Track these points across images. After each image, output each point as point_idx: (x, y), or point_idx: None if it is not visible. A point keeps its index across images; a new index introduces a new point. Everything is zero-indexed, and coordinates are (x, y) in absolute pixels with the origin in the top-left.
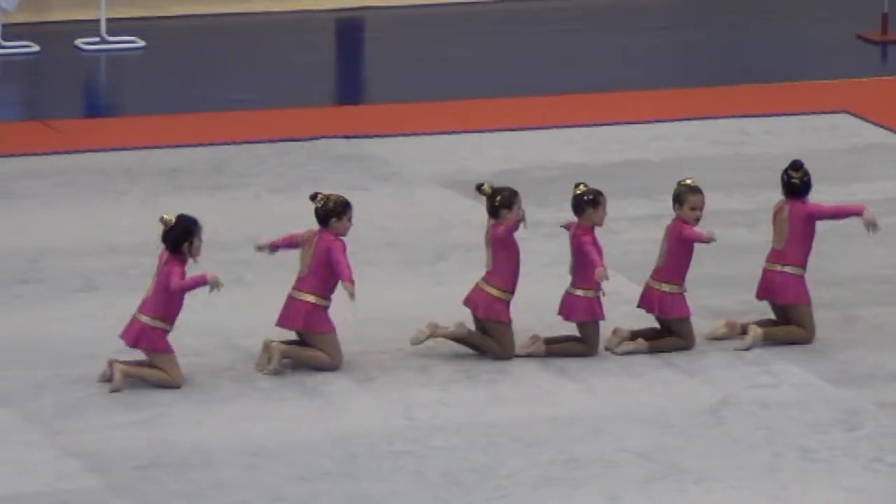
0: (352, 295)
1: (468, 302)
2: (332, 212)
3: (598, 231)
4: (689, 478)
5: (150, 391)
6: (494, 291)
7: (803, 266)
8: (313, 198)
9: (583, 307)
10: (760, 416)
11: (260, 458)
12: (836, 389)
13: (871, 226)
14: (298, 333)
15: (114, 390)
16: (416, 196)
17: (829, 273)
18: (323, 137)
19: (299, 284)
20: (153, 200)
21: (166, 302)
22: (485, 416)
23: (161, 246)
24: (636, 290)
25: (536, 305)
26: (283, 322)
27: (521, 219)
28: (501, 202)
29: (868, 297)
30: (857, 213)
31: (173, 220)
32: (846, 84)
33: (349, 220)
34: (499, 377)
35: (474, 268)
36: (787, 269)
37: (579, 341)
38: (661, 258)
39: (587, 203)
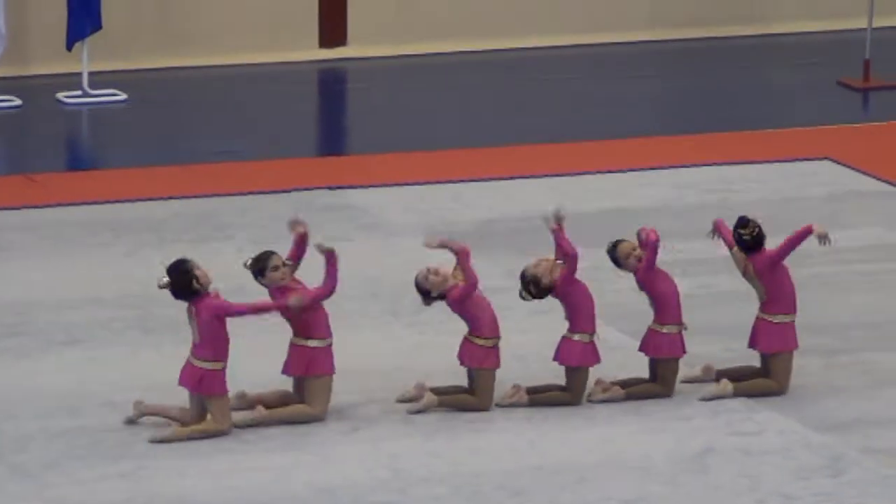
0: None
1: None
2: (255, 272)
3: (586, 282)
4: None
5: (133, 442)
6: (479, 341)
7: (791, 312)
8: (245, 265)
9: (577, 352)
10: (744, 464)
11: None
12: (819, 436)
13: (823, 238)
14: (296, 379)
15: (158, 441)
16: (399, 246)
17: (813, 320)
18: (306, 188)
19: (296, 332)
20: (137, 253)
21: (215, 342)
22: (469, 465)
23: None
24: (625, 340)
25: (520, 356)
26: (292, 371)
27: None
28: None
29: (851, 344)
30: (808, 232)
31: (166, 277)
32: (828, 131)
33: (274, 269)
34: (483, 427)
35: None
36: (777, 318)
37: (562, 390)
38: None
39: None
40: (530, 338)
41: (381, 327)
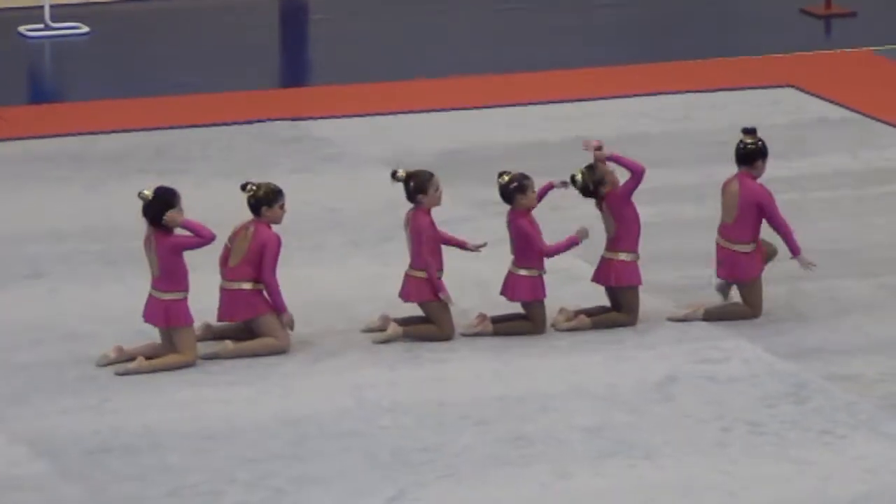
0: (290, 325)
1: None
2: (263, 200)
3: (547, 210)
4: (638, 453)
5: (97, 375)
6: (422, 275)
7: (753, 242)
8: (244, 188)
9: (526, 287)
10: (709, 391)
11: (209, 440)
12: (785, 363)
13: (806, 266)
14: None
15: (121, 373)
16: (361, 177)
17: (778, 247)
18: (268, 120)
19: (229, 274)
20: (99, 186)
21: (175, 273)
22: (433, 395)
23: (145, 226)
24: (585, 268)
25: (482, 283)
26: (223, 316)
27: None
28: (416, 187)
29: (816, 271)
30: (794, 252)
31: (151, 195)
32: (790, 58)
33: (281, 207)
34: (447, 356)
35: None
36: (737, 247)
37: (526, 319)
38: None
39: (515, 191)
40: (491, 265)
41: (343, 258)
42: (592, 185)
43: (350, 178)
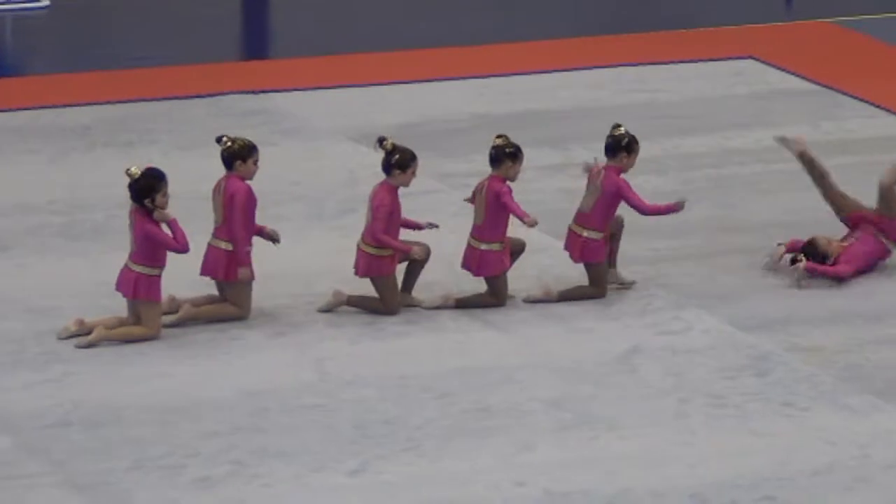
0: (245, 279)
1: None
2: (238, 154)
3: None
4: (601, 425)
5: (59, 348)
6: (372, 250)
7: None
8: (219, 140)
9: (493, 262)
10: (671, 363)
11: (171, 413)
12: (745, 335)
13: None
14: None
15: (83, 346)
16: (323, 150)
17: (736, 220)
18: (229, 93)
19: (217, 233)
20: (63, 159)
21: (151, 250)
22: (395, 368)
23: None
24: (547, 240)
25: (445, 255)
26: (205, 271)
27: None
28: (398, 162)
29: (776, 242)
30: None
31: (139, 173)
32: (751, 29)
33: (255, 162)
34: (409, 329)
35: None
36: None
37: (488, 295)
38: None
39: (507, 155)
40: (456, 238)
41: (304, 231)
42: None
43: (310, 151)
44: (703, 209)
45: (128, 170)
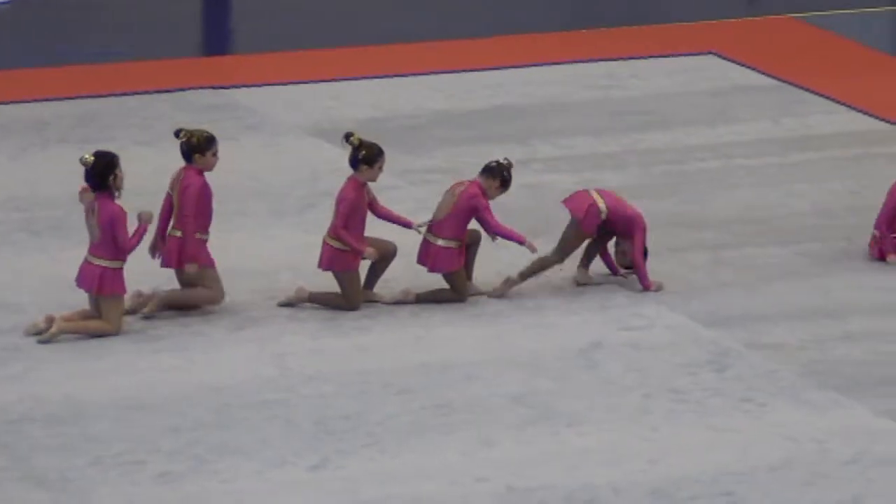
0: (193, 270)
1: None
2: (196, 147)
3: (461, 178)
4: (562, 421)
5: (22, 344)
6: (337, 244)
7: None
8: (177, 133)
9: (447, 258)
10: (632, 358)
11: (132, 410)
12: (706, 331)
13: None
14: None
15: (44, 341)
16: (284, 145)
17: (698, 216)
18: (190, 88)
19: (175, 223)
20: (22, 155)
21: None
22: (355, 364)
23: (84, 193)
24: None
25: (404, 252)
26: (166, 262)
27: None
28: (365, 157)
29: (737, 239)
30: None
31: (92, 158)
32: (712, 25)
33: (214, 155)
34: (370, 325)
35: None
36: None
37: (448, 290)
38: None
39: (502, 178)
40: (416, 235)
41: (265, 227)
42: None
43: (272, 146)
44: (665, 205)
45: (82, 158)
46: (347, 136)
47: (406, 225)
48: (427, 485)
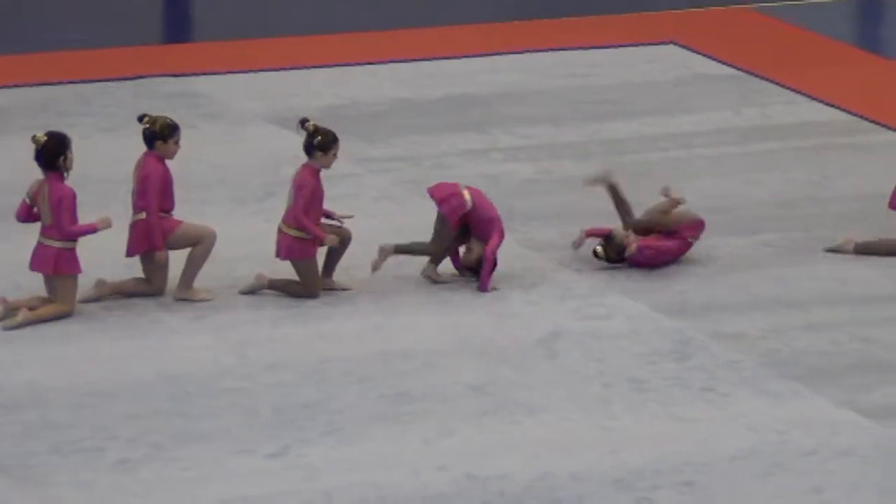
0: (161, 262)
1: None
2: (158, 134)
3: (433, 168)
4: (521, 410)
5: None
6: (294, 232)
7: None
8: (140, 119)
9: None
10: (592, 348)
11: (92, 396)
12: (668, 320)
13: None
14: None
15: (9, 328)
16: (245, 133)
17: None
18: (150, 76)
19: (135, 208)
20: None
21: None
22: (316, 352)
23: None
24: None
25: (364, 240)
26: (130, 251)
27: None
28: (320, 143)
29: (580, 227)
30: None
31: (45, 138)
32: (671, 15)
33: (176, 143)
34: (329, 312)
35: None
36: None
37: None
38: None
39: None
40: (376, 223)
41: (226, 215)
42: (615, 254)
43: (232, 134)
44: (626, 194)
45: (34, 137)
46: (303, 122)
47: (330, 217)
48: (386, 473)
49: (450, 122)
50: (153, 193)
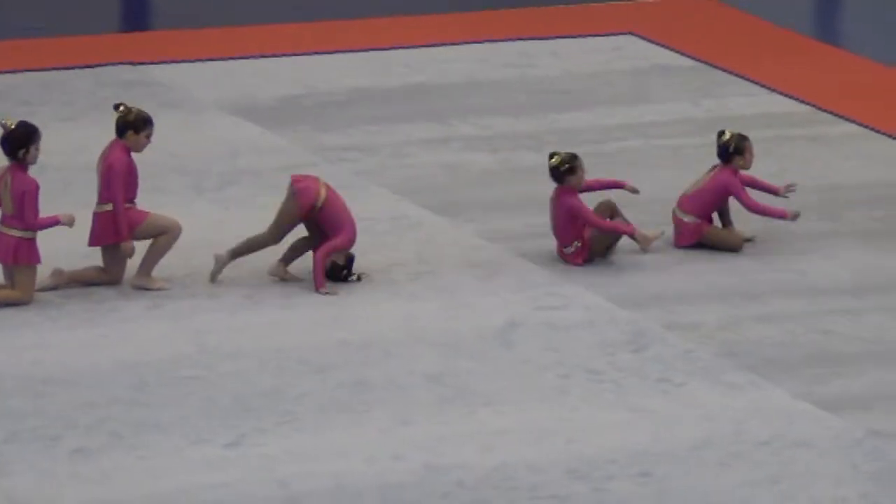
0: (127, 253)
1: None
2: (131, 124)
3: (391, 157)
4: (478, 400)
5: None
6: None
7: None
8: (116, 107)
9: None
10: (549, 338)
11: (48, 385)
12: (624, 311)
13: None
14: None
15: None
16: (203, 122)
17: (617, 196)
18: (109, 64)
19: (100, 199)
20: None
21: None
22: (273, 340)
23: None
24: (424, 214)
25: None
26: (92, 241)
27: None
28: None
29: (655, 218)
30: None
31: (14, 124)
32: (631, 6)
33: (147, 136)
34: (287, 302)
35: (262, 193)
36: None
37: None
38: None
39: (566, 172)
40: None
41: (184, 204)
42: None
43: (191, 123)
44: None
45: (3, 121)
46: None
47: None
48: (344, 462)
49: (408, 111)
50: (118, 184)
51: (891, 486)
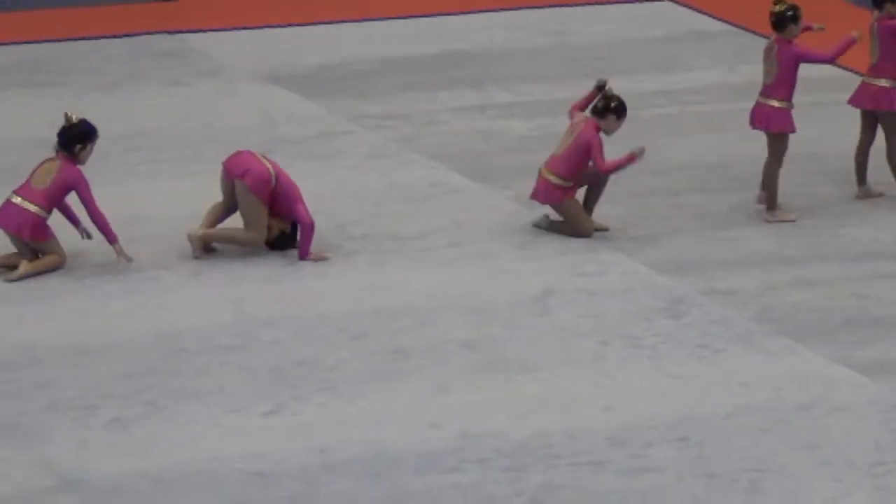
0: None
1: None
2: (79, 137)
3: (427, 125)
4: (515, 367)
5: None
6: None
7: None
8: (66, 116)
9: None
10: (586, 305)
11: (85, 355)
12: (661, 277)
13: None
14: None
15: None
16: (239, 91)
17: (655, 161)
18: (145, 33)
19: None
20: None
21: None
22: (311, 308)
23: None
24: (463, 181)
25: (360, 197)
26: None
27: None
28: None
29: (693, 185)
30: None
31: (76, 120)
32: None
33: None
34: (325, 270)
35: (300, 161)
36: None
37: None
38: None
39: (789, 18)
40: (370, 179)
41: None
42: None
43: (226, 92)
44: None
45: (66, 113)
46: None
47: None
48: (381, 430)
49: (444, 79)
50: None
51: None
